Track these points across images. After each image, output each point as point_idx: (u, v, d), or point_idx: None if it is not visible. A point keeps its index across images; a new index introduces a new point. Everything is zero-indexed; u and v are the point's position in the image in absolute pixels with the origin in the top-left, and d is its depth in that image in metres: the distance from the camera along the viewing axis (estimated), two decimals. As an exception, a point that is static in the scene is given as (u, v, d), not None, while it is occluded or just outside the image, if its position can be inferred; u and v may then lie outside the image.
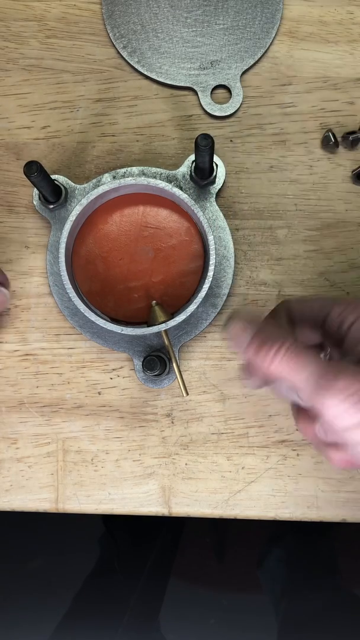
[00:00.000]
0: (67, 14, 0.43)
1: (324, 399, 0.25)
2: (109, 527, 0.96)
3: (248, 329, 0.28)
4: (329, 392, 0.25)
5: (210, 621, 0.96)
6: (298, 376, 0.26)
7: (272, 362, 0.27)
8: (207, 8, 0.42)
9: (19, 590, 0.98)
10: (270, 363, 0.27)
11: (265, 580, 0.94)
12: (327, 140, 0.41)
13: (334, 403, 0.25)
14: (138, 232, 0.39)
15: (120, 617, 0.88)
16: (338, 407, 0.25)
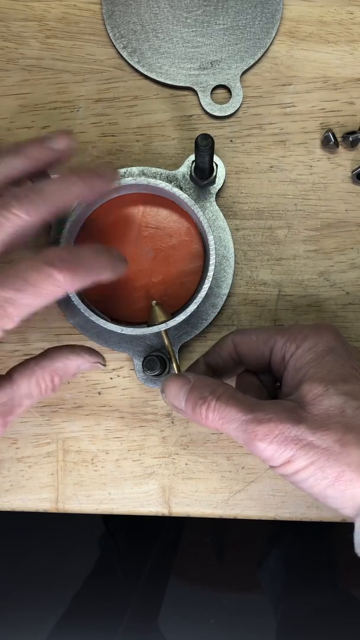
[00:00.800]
0: (67, 14, 0.43)
1: (254, 445, 0.27)
2: (109, 527, 0.96)
3: (183, 388, 0.30)
4: (256, 439, 0.27)
5: (210, 621, 0.96)
6: (229, 427, 0.28)
7: (207, 418, 0.29)
8: (207, 8, 0.42)
9: (19, 590, 0.98)
10: (206, 420, 0.29)
11: (265, 580, 0.94)
12: (327, 140, 0.41)
13: (262, 447, 0.27)
14: (138, 232, 0.39)
15: (120, 616, 0.88)
16: (267, 450, 0.27)
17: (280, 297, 0.41)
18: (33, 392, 0.31)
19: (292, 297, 0.41)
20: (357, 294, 0.41)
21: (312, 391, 0.28)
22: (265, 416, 0.27)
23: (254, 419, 0.27)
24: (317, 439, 0.27)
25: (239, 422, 0.28)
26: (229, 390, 0.29)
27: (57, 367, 0.31)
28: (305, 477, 0.27)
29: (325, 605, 0.86)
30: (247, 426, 0.27)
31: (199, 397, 0.29)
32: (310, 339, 0.30)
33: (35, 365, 0.31)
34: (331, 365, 0.29)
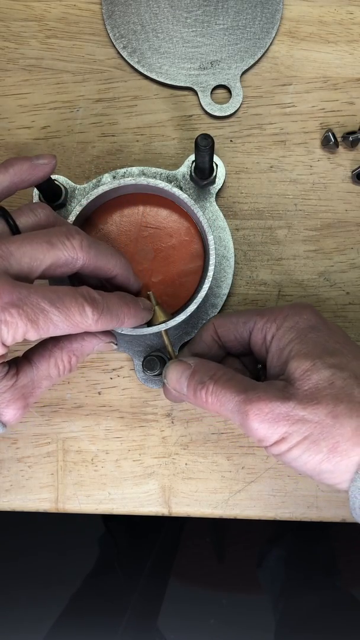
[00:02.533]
0: (67, 14, 0.43)
1: (248, 425, 0.28)
2: (108, 527, 0.96)
3: (184, 373, 0.31)
4: (248, 418, 0.27)
5: (210, 621, 0.96)
6: (226, 409, 0.29)
7: (207, 402, 0.30)
8: (207, 8, 0.42)
9: (19, 590, 0.98)
10: (206, 404, 0.30)
11: (264, 579, 0.94)
12: (327, 140, 0.41)
13: (254, 426, 0.27)
14: (138, 232, 0.39)
15: (120, 616, 0.88)
16: (259, 430, 0.27)
17: (280, 297, 0.41)
18: (52, 373, 0.31)
19: (292, 297, 0.41)
20: (357, 294, 0.41)
21: (300, 367, 0.28)
22: (255, 394, 0.28)
23: (245, 399, 0.28)
24: (308, 413, 0.27)
25: (233, 403, 0.28)
26: (227, 374, 0.30)
27: (74, 347, 0.32)
28: (299, 453, 0.27)
29: (324, 604, 0.86)
30: (240, 406, 0.28)
31: (199, 381, 0.30)
32: (291, 318, 0.31)
33: (54, 347, 0.32)
34: (315, 341, 0.29)
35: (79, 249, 0.30)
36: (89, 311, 0.29)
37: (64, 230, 0.30)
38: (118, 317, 0.31)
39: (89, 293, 0.29)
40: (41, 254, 0.28)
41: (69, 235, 0.30)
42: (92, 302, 0.29)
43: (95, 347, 0.33)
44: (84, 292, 0.29)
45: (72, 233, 0.30)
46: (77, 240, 0.30)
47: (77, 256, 0.30)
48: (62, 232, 0.30)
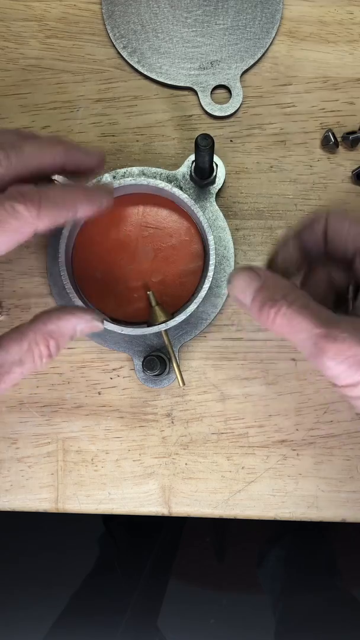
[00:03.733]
0: (67, 14, 0.43)
1: (321, 361, 0.25)
2: (108, 527, 0.96)
3: (251, 284, 0.27)
4: (325, 355, 0.25)
5: (210, 621, 0.96)
6: (297, 337, 0.26)
7: (274, 322, 0.26)
8: (207, 8, 0.42)
9: (19, 590, 0.98)
10: (272, 324, 0.26)
11: (264, 579, 0.94)
12: (327, 140, 0.41)
13: (330, 365, 0.25)
14: (138, 232, 0.39)
15: (120, 616, 0.88)
16: (334, 369, 0.25)
17: (280, 297, 0.41)
18: (25, 358, 0.28)
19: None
20: (357, 294, 0.41)
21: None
22: (340, 334, 0.25)
23: (327, 334, 0.25)
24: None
25: (309, 334, 0.25)
26: (303, 298, 0.26)
27: (50, 329, 0.29)
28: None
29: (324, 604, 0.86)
30: (319, 340, 0.25)
31: (269, 298, 0.27)
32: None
33: (27, 329, 0.29)
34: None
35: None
36: (21, 208, 0.26)
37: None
38: (65, 205, 0.28)
39: (17, 190, 0.27)
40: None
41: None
42: (22, 197, 0.27)
43: (78, 328, 0.30)
44: (11, 192, 0.27)
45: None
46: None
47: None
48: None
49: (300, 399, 0.40)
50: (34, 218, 0.27)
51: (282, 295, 0.26)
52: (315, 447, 0.40)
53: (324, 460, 0.40)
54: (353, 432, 0.40)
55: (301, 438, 0.40)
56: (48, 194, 0.28)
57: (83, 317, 0.30)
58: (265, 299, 0.27)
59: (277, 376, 0.40)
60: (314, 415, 0.40)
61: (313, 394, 0.40)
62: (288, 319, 0.26)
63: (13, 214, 0.26)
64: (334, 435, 0.40)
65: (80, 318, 0.30)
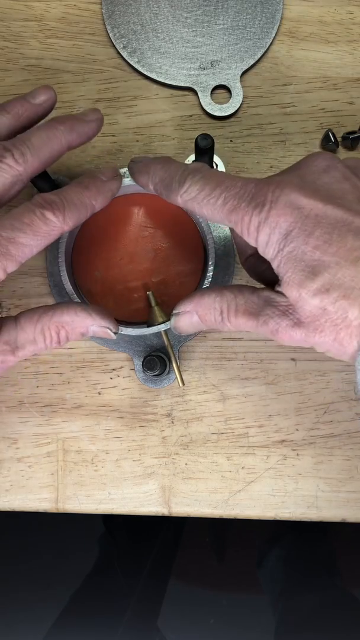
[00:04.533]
0: (67, 14, 0.43)
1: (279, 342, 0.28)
2: (108, 527, 0.96)
3: (192, 320, 0.31)
4: (277, 340, 0.28)
5: (210, 621, 0.96)
6: (251, 330, 0.29)
7: (229, 329, 0.30)
8: (207, 8, 0.42)
9: (19, 590, 0.98)
10: (228, 330, 0.30)
11: (264, 579, 0.94)
12: (327, 140, 0.41)
13: (286, 344, 0.28)
14: (138, 232, 0.39)
15: (120, 616, 0.88)
16: (291, 344, 0.28)
17: (280, 297, 0.41)
18: (37, 338, 0.31)
19: None
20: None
21: (291, 297, 0.27)
22: (273, 328, 0.28)
23: (266, 330, 0.28)
24: (319, 339, 0.27)
25: (255, 329, 0.29)
26: (232, 303, 0.29)
27: (64, 319, 0.31)
28: (330, 355, 0.28)
29: (324, 604, 0.86)
30: (264, 332, 0.28)
31: (212, 321, 0.30)
32: (263, 231, 0.27)
33: (43, 313, 0.31)
34: (294, 259, 0.26)
35: (15, 165, 0.30)
36: (49, 215, 0.29)
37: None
38: (85, 205, 0.31)
39: (43, 198, 0.30)
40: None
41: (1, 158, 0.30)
42: (50, 205, 0.29)
43: (90, 328, 0.32)
44: (38, 200, 0.30)
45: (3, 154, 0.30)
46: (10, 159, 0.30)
47: (18, 172, 0.30)
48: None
49: (300, 399, 0.40)
50: (61, 223, 0.30)
51: (219, 313, 0.30)
52: (315, 447, 0.40)
53: (324, 460, 0.40)
54: (353, 432, 0.40)
55: (301, 438, 0.40)
56: (69, 198, 0.30)
57: (97, 321, 0.32)
58: (211, 323, 0.30)
59: (277, 376, 0.40)
60: (314, 415, 0.40)
61: (313, 394, 0.40)
62: (236, 325, 0.29)
63: (43, 220, 0.29)
64: (334, 435, 0.40)
65: (95, 320, 0.32)
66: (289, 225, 0.26)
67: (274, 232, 0.27)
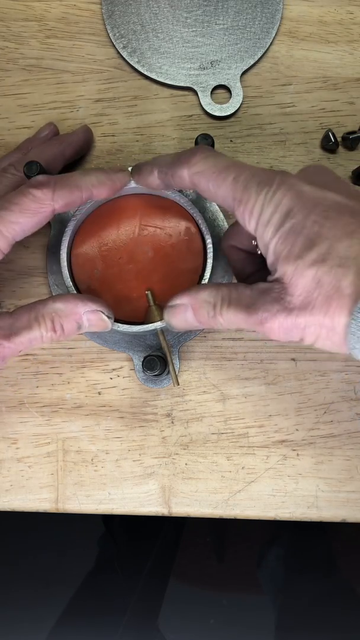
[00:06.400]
0: (67, 14, 0.43)
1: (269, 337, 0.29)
2: (108, 527, 0.96)
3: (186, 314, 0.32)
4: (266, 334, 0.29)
5: (210, 621, 0.96)
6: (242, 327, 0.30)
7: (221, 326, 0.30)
8: (207, 8, 0.42)
9: (19, 590, 0.98)
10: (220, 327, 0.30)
11: (264, 579, 0.94)
12: (327, 140, 0.41)
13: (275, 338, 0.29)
14: (137, 231, 0.39)
15: (120, 616, 0.88)
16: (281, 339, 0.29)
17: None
18: (32, 325, 0.32)
19: None
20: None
21: (287, 273, 0.27)
22: (262, 315, 0.28)
23: (255, 320, 0.28)
24: (310, 318, 0.27)
25: (246, 322, 0.29)
26: (225, 297, 0.30)
27: (57, 307, 0.32)
28: (320, 346, 0.28)
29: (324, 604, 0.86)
30: (254, 325, 0.29)
31: (206, 316, 0.30)
32: (267, 210, 0.28)
33: (37, 303, 0.32)
34: (293, 233, 0.27)
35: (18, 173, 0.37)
36: (36, 192, 0.31)
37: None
38: (79, 187, 0.32)
39: (35, 179, 0.32)
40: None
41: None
42: (39, 183, 0.32)
43: (84, 319, 0.33)
44: (30, 181, 0.32)
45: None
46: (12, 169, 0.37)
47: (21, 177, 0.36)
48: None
49: (300, 399, 0.40)
50: (49, 200, 0.32)
51: (212, 307, 0.30)
52: (315, 447, 0.40)
53: (324, 460, 0.40)
54: (353, 432, 0.40)
55: (301, 438, 0.40)
56: (63, 179, 0.32)
57: (89, 305, 0.33)
58: (204, 319, 0.31)
59: (277, 376, 0.40)
60: (314, 415, 0.40)
61: (313, 394, 0.40)
62: (228, 320, 0.30)
63: (31, 197, 0.31)
64: (334, 435, 0.40)
65: (86, 304, 0.33)
66: (292, 204, 0.28)
67: (276, 210, 0.28)
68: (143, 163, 0.34)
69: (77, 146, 0.40)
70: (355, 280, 0.26)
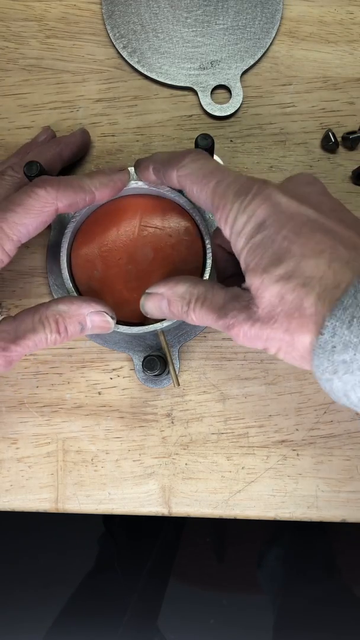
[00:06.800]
0: (67, 14, 0.43)
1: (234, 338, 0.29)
2: (108, 527, 0.96)
3: (161, 304, 0.32)
4: (232, 337, 0.29)
5: (210, 621, 0.96)
6: (211, 325, 0.30)
7: (193, 321, 0.31)
8: (207, 8, 0.42)
9: (19, 590, 0.98)
10: (192, 322, 0.31)
11: (264, 579, 0.94)
12: (327, 140, 0.41)
13: (239, 342, 0.29)
14: (137, 232, 0.39)
15: (120, 616, 0.88)
16: (245, 344, 0.29)
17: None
18: (36, 327, 0.32)
19: None
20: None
21: (253, 284, 0.28)
22: (230, 321, 0.29)
23: (223, 324, 0.29)
24: (271, 332, 0.27)
25: (215, 324, 0.30)
26: (201, 296, 0.31)
27: (60, 309, 0.32)
28: (280, 358, 0.29)
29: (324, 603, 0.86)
30: (222, 327, 0.29)
31: (179, 311, 0.31)
32: (240, 219, 0.29)
33: (41, 305, 0.33)
34: (262, 246, 0.28)
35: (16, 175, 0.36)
36: (40, 191, 0.31)
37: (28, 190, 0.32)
38: (82, 188, 0.33)
39: (39, 179, 0.32)
40: None
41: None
42: (43, 182, 0.32)
43: (88, 319, 0.33)
44: (35, 180, 0.32)
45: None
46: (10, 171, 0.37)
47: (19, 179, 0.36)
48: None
49: (300, 399, 0.40)
50: (53, 199, 0.31)
51: (187, 303, 0.31)
52: (315, 447, 0.40)
53: (324, 460, 0.40)
54: (353, 432, 0.40)
55: (301, 438, 0.40)
56: (67, 179, 0.32)
57: (92, 305, 0.33)
58: (177, 312, 0.31)
59: (277, 376, 0.40)
60: (314, 415, 0.40)
61: (313, 394, 0.40)
62: (199, 318, 0.30)
63: (34, 197, 0.31)
64: (334, 435, 0.40)
65: (89, 305, 0.33)
66: (265, 216, 0.28)
67: (249, 220, 0.28)
68: (142, 158, 0.35)
69: (74, 147, 0.40)
70: (316, 302, 0.26)
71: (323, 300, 0.26)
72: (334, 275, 0.26)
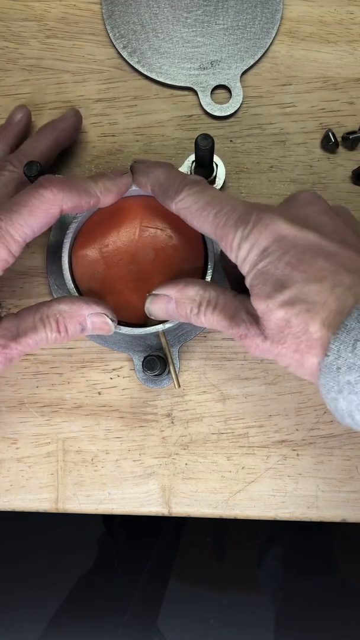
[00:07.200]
0: (67, 14, 0.43)
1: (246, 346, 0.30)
2: (108, 527, 0.96)
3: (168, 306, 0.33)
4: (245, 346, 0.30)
5: (210, 621, 0.96)
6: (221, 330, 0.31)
7: (201, 324, 0.32)
8: (207, 8, 0.42)
9: (18, 590, 0.98)
10: (200, 324, 0.32)
11: (264, 579, 0.94)
12: (327, 140, 0.41)
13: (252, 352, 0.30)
14: (138, 233, 0.39)
15: (120, 616, 0.88)
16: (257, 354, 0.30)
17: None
18: (37, 326, 0.32)
19: None
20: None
21: (259, 309, 0.29)
22: (242, 332, 0.30)
23: (235, 333, 0.30)
24: (281, 350, 0.29)
25: (225, 330, 0.31)
26: (212, 301, 0.31)
27: (61, 308, 0.32)
28: (290, 371, 0.30)
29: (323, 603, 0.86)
30: (235, 336, 0.30)
31: (190, 312, 0.32)
32: (243, 248, 0.29)
33: (42, 304, 0.33)
34: (264, 275, 0.28)
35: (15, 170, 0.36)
36: (45, 192, 0.31)
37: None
38: (87, 191, 0.32)
39: (45, 178, 0.32)
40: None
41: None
42: (49, 183, 0.31)
43: (88, 320, 0.33)
44: (40, 180, 0.32)
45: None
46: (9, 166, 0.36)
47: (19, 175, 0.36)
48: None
49: (300, 399, 0.40)
50: (58, 200, 0.31)
51: (197, 305, 0.31)
52: (315, 447, 0.40)
53: (324, 460, 0.40)
54: (353, 432, 0.40)
55: (301, 438, 0.40)
56: (72, 180, 0.32)
57: (93, 307, 0.33)
58: (184, 314, 0.32)
59: (277, 376, 0.40)
60: (314, 415, 0.40)
61: (313, 394, 0.40)
62: (209, 322, 0.31)
63: (40, 199, 0.31)
64: (334, 435, 0.40)
65: (90, 307, 0.33)
66: (267, 244, 0.28)
67: (252, 249, 0.29)
68: (139, 171, 0.35)
69: (69, 132, 0.40)
70: (321, 327, 0.27)
71: (328, 325, 0.27)
72: (337, 301, 0.27)
